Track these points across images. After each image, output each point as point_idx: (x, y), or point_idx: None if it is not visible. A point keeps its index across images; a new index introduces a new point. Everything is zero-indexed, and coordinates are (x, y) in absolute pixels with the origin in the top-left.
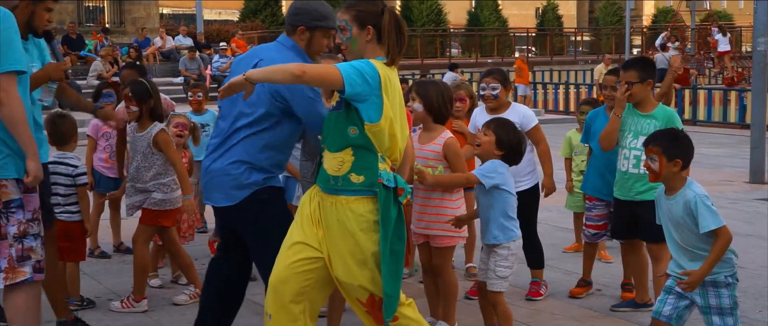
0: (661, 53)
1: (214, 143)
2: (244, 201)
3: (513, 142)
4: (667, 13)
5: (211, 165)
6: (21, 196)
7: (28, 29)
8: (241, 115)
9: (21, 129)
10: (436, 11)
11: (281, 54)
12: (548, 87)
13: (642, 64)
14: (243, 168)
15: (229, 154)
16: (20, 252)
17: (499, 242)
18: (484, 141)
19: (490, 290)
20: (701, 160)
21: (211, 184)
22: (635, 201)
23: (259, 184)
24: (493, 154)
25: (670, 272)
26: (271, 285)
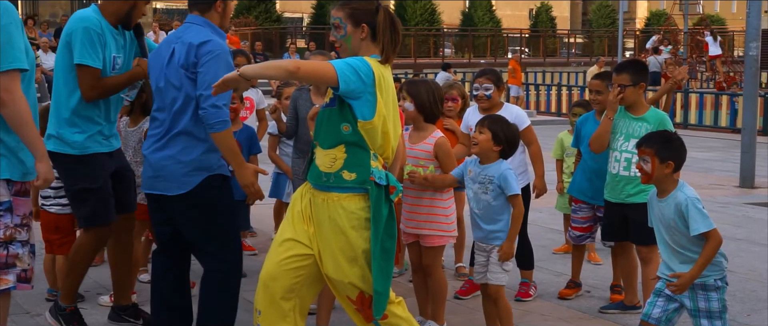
0: (654, 56)
1: (158, 133)
2: (197, 187)
3: (508, 135)
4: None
5: (155, 154)
6: (10, 199)
7: (125, 20)
8: (175, 100)
9: (26, 129)
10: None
11: (200, 35)
12: (541, 88)
13: (634, 68)
14: (197, 151)
15: (175, 139)
16: (4, 259)
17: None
18: (480, 139)
19: (494, 283)
20: (692, 164)
21: (161, 173)
22: (625, 204)
23: (212, 169)
24: (492, 151)
25: (660, 274)
26: (262, 282)
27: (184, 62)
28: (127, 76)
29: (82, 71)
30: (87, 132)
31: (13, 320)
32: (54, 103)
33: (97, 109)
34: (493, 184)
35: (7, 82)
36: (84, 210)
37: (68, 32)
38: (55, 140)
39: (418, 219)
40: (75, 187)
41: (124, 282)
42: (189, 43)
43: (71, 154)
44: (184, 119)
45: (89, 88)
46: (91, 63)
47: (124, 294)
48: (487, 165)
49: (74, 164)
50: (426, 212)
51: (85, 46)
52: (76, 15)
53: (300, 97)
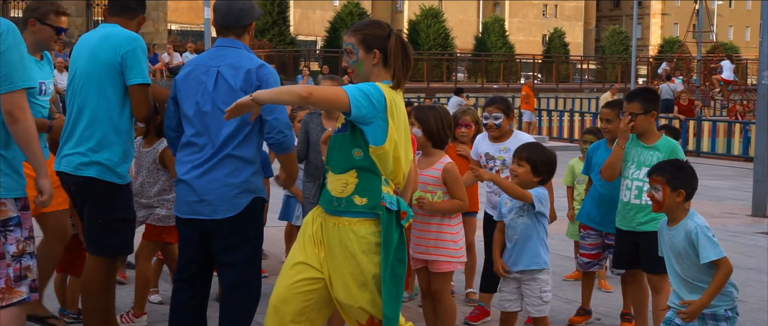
0: (666, 84)
1: (199, 158)
2: (245, 209)
3: (547, 164)
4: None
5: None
6: (18, 214)
7: None
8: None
9: (34, 147)
10: (443, 35)
11: (250, 58)
12: (553, 114)
13: (646, 96)
14: (247, 173)
15: (225, 162)
16: (18, 272)
17: (541, 267)
18: (520, 172)
19: (538, 316)
20: (704, 192)
21: (207, 197)
22: (636, 232)
23: (258, 192)
24: (532, 183)
25: (670, 303)
26: (272, 305)
27: (243, 86)
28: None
29: (142, 90)
30: (129, 161)
31: None
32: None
33: (133, 136)
34: (527, 205)
35: (20, 100)
36: (115, 240)
37: (121, 53)
38: (100, 167)
39: (426, 244)
40: (114, 216)
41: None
42: (244, 67)
43: (114, 182)
44: (234, 143)
45: (146, 107)
46: (149, 81)
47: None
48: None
49: (117, 193)
50: (434, 238)
51: (144, 65)
52: (122, 34)
53: (311, 121)
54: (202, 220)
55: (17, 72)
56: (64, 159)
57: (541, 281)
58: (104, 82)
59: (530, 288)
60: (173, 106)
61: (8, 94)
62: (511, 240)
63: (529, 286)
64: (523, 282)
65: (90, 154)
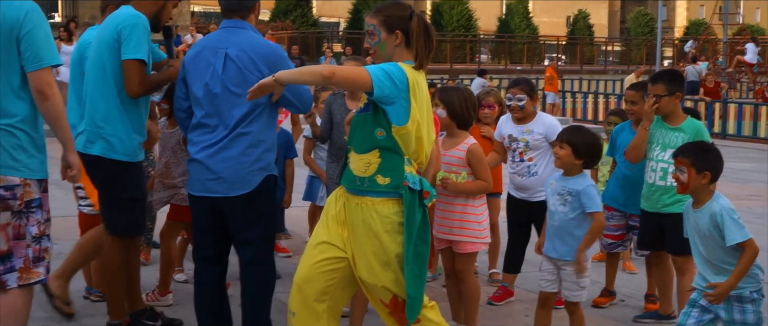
0: (692, 66)
1: (211, 138)
2: (258, 187)
3: (589, 145)
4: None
5: (214, 157)
6: (40, 196)
7: (153, 22)
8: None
9: (63, 122)
10: (466, 16)
11: (258, 39)
12: (577, 96)
13: (670, 77)
14: (260, 150)
15: (238, 141)
16: (37, 253)
17: (587, 256)
18: (561, 154)
19: (575, 300)
20: (729, 175)
21: (222, 175)
22: (661, 214)
23: (270, 169)
24: (574, 165)
25: (695, 285)
26: (296, 284)
27: (251, 68)
28: (165, 75)
29: (133, 66)
30: (138, 138)
31: (52, 317)
32: (96, 105)
33: (144, 114)
34: (572, 197)
35: (48, 77)
36: (125, 220)
37: (118, 29)
38: (105, 144)
39: (450, 225)
40: (122, 195)
41: (134, 289)
42: (252, 48)
43: (122, 160)
44: (246, 122)
45: (138, 84)
46: (144, 57)
47: (136, 299)
48: (571, 178)
49: (123, 171)
50: (458, 218)
51: (140, 42)
52: (124, 13)
53: (334, 101)
54: (215, 198)
55: (44, 50)
56: (77, 137)
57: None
58: (104, 59)
59: (567, 274)
60: (183, 87)
61: (37, 72)
62: (549, 223)
63: (566, 272)
64: (560, 267)
65: (95, 130)
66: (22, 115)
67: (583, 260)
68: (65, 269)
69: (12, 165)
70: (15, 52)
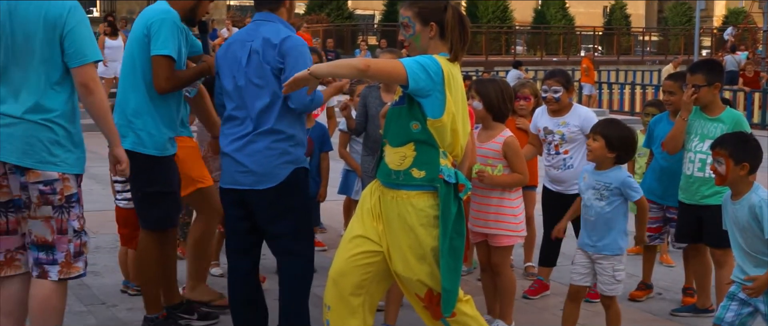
0: (731, 55)
1: (239, 131)
2: (286, 180)
3: (623, 140)
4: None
5: (242, 150)
6: (78, 190)
7: (189, 17)
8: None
9: (108, 117)
10: (501, 8)
11: (279, 32)
12: (614, 87)
13: (709, 67)
14: (286, 144)
15: (264, 134)
16: (78, 248)
17: (616, 253)
18: (594, 147)
19: (611, 294)
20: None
21: (250, 168)
22: (700, 206)
23: (299, 162)
24: (606, 158)
25: (734, 278)
26: (331, 278)
27: (267, 60)
28: (196, 70)
29: (161, 61)
30: (168, 133)
31: (90, 310)
32: (126, 99)
33: (174, 109)
34: (609, 191)
35: (93, 72)
36: (155, 213)
37: (147, 24)
38: (134, 138)
39: (486, 218)
40: (150, 189)
41: (171, 282)
42: (269, 40)
43: (151, 154)
44: (270, 116)
45: (165, 80)
46: (172, 53)
47: (172, 293)
48: (604, 171)
49: (153, 165)
50: (494, 211)
51: (168, 38)
52: (155, 8)
53: (369, 94)
54: (243, 190)
55: (87, 46)
56: None
57: (613, 260)
58: (135, 54)
59: (603, 267)
60: (219, 82)
61: (82, 68)
62: (584, 218)
63: (602, 265)
64: (596, 260)
65: (125, 124)
66: (60, 110)
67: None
68: (192, 276)
69: (50, 160)
70: (58, 48)
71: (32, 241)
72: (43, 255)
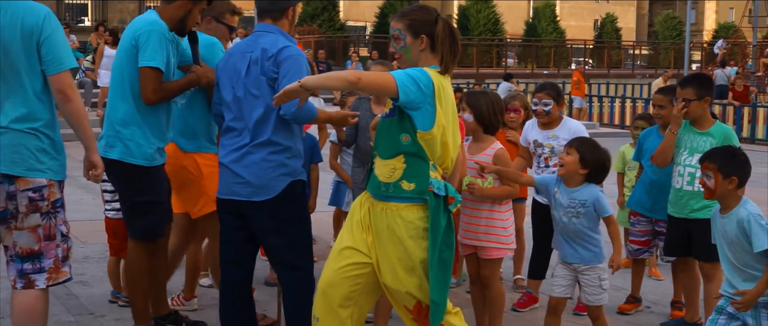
0: (721, 70)
1: (237, 143)
2: (282, 192)
3: (597, 159)
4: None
5: (239, 161)
6: (61, 196)
7: (178, 26)
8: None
9: (86, 123)
10: (493, 20)
11: (276, 42)
12: (604, 100)
13: (699, 81)
14: (283, 156)
15: (261, 146)
16: (65, 252)
17: (599, 263)
18: (567, 161)
19: (597, 304)
20: (758, 180)
21: (246, 179)
22: (689, 219)
23: (296, 174)
24: (578, 174)
25: (722, 292)
26: (320, 289)
27: (264, 71)
28: (185, 81)
29: (148, 73)
30: (156, 144)
31: (78, 320)
32: (115, 109)
33: (164, 119)
34: (585, 208)
35: (70, 79)
36: (143, 223)
37: (135, 35)
38: (123, 148)
39: (476, 231)
40: (138, 199)
41: (160, 293)
42: (267, 50)
43: (139, 164)
44: (267, 128)
45: (152, 91)
46: (159, 65)
47: (161, 303)
48: (576, 188)
49: (141, 175)
50: (484, 224)
51: (156, 49)
52: (143, 19)
53: (360, 106)
54: (240, 201)
55: (64, 53)
56: (99, 140)
57: (598, 269)
58: (123, 66)
59: (589, 278)
60: (218, 92)
61: (60, 75)
62: (561, 234)
63: (588, 276)
64: (580, 272)
65: (113, 134)
66: (45, 119)
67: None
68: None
69: (38, 168)
70: (36, 56)
71: (16, 253)
72: (29, 265)
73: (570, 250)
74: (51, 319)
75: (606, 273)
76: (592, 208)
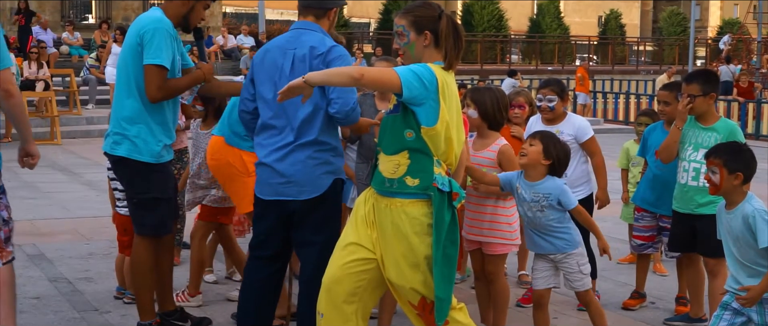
0: (726, 66)
1: (278, 141)
2: (328, 190)
3: (559, 152)
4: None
5: (284, 160)
6: (2, 183)
7: (182, 23)
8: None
9: (26, 117)
10: (497, 17)
11: (323, 41)
12: (608, 96)
13: (705, 77)
14: (328, 154)
15: (306, 144)
16: (7, 234)
17: (574, 249)
18: (530, 151)
19: (583, 290)
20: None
21: (293, 179)
22: (694, 215)
23: (338, 173)
24: (540, 165)
25: (727, 288)
26: (325, 285)
27: (312, 69)
28: (191, 78)
29: (152, 71)
30: (163, 140)
31: (83, 317)
32: (121, 107)
33: (170, 116)
34: (548, 201)
35: (10, 76)
36: (150, 219)
37: (140, 33)
38: (130, 145)
39: (480, 226)
40: (146, 196)
41: (165, 289)
42: (315, 49)
43: (146, 161)
44: (312, 127)
45: (157, 89)
46: (164, 63)
47: (167, 300)
48: (538, 181)
49: (148, 172)
50: (489, 219)
51: (161, 47)
52: (148, 16)
53: (364, 102)
54: (287, 201)
55: (4, 52)
56: (106, 138)
57: (575, 255)
58: (128, 63)
59: (568, 265)
60: (251, 88)
61: (3, 72)
62: (529, 228)
63: (566, 263)
64: (557, 261)
65: (120, 131)
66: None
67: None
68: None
69: None
70: None
71: None
72: None
73: (543, 242)
74: (56, 316)
75: (584, 257)
76: (557, 201)
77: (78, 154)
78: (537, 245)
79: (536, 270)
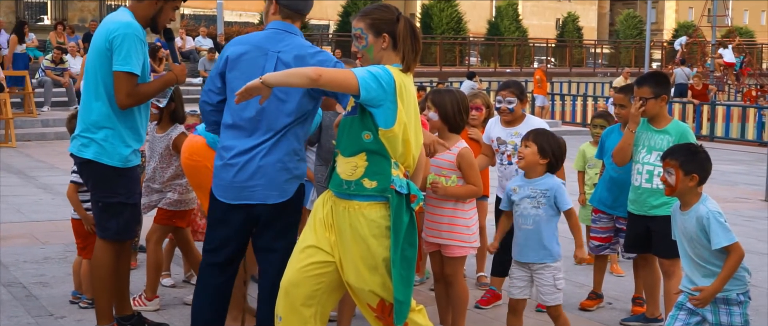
0: (681, 68)
1: (250, 142)
2: (293, 196)
3: (554, 148)
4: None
5: (257, 160)
6: None
7: (152, 25)
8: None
9: None
10: (456, 19)
11: (305, 44)
12: (566, 98)
13: (655, 80)
14: (296, 159)
15: (279, 147)
16: None
17: (554, 260)
18: (526, 153)
19: (554, 304)
20: (717, 177)
21: (262, 182)
22: (648, 216)
23: (302, 178)
24: (538, 165)
25: (682, 288)
26: (283, 288)
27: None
28: (162, 81)
29: (121, 77)
30: (133, 145)
31: (38, 322)
32: (89, 110)
33: (139, 120)
34: (546, 197)
35: None
36: (115, 224)
37: (109, 38)
38: (97, 148)
39: (439, 229)
40: (112, 200)
41: (123, 293)
42: (301, 55)
43: (114, 166)
44: (288, 131)
45: (126, 95)
46: (134, 69)
47: (124, 304)
48: (537, 178)
49: (115, 176)
50: (448, 222)
51: (131, 53)
52: (118, 20)
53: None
54: (253, 205)
55: None
56: (73, 140)
57: (553, 268)
58: (96, 66)
59: (543, 277)
60: (220, 82)
61: None
62: (520, 228)
63: (542, 275)
64: (534, 271)
65: (88, 135)
66: None
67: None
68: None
69: None
70: None
71: None
72: None
73: (525, 248)
74: (11, 321)
75: (560, 272)
76: (553, 199)
77: (33, 156)
78: (519, 249)
79: (514, 278)
